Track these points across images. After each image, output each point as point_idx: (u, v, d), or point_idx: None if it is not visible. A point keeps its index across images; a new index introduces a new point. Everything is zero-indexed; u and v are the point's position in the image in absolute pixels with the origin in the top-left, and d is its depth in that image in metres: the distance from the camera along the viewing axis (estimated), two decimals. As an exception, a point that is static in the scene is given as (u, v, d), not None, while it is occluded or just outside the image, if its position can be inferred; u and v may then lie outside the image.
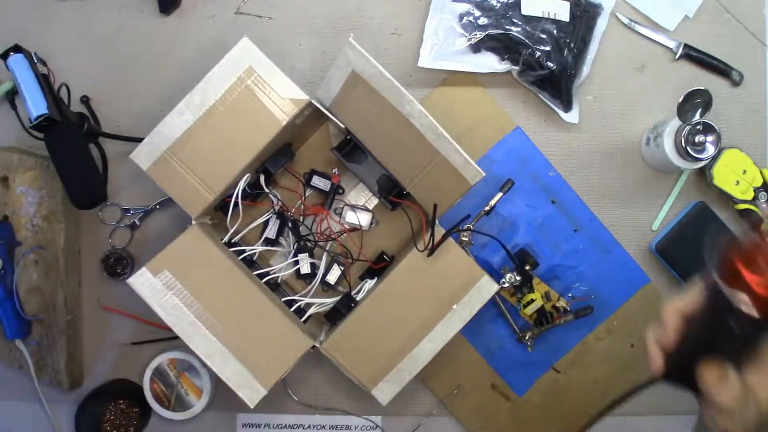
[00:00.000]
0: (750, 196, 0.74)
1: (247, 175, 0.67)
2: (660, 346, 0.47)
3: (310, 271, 0.72)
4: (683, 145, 0.69)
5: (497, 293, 0.67)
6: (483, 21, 0.71)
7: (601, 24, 0.74)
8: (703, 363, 0.43)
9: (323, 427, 0.78)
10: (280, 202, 0.72)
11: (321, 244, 0.74)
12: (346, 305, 0.70)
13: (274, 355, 0.64)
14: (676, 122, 0.71)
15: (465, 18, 0.72)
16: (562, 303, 0.76)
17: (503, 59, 0.72)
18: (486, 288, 0.65)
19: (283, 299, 0.71)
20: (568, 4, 0.72)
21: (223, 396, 0.77)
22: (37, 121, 0.63)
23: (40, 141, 0.65)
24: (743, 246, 0.38)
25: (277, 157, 0.70)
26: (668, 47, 0.77)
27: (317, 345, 0.66)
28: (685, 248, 0.63)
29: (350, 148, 0.70)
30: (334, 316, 0.71)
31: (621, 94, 0.77)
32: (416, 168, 0.64)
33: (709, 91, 0.66)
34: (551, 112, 0.76)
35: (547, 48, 0.71)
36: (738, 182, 0.74)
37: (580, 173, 0.77)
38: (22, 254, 0.72)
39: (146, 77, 0.77)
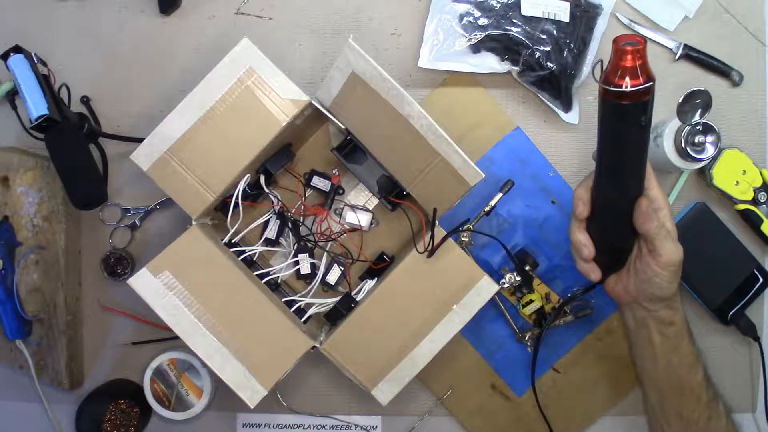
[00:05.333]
0: (750, 196, 0.75)
1: (248, 175, 0.68)
2: (580, 221, 0.62)
3: (310, 272, 0.72)
4: (683, 145, 0.69)
5: (497, 293, 0.67)
6: (483, 21, 0.71)
7: (601, 24, 0.74)
8: (639, 200, 0.58)
9: (323, 427, 0.79)
10: (280, 203, 0.72)
11: (321, 244, 0.74)
12: (346, 305, 0.70)
13: (274, 355, 0.65)
14: (675, 123, 0.71)
15: (465, 18, 0.72)
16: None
17: (503, 60, 0.72)
18: (486, 288, 0.65)
19: (283, 299, 0.71)
20: (568, 4, 0.72)
21: (223, 396, 0.77)
22: (37, 122, 0.63)
23: (41, 141, 0.65)
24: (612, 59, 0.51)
25: (278, 158, 0.70)
26: (668, 47, 0.77)
27: (317, 345, 0.66)
28: (686, 248, 0.64)
29: (350, 149, 0.70)
30: (334, 317, 0.71)
31: (621, 95, 0.77)
32: (416, 169, 0.64)
33: (708, 92, 0.66)
34: (551, 113, 0.76)
35: (547, 48, 0.71)
36: (738, 183, 0.74)
37: (580, 173, 0.77)
38: (23, 254, 0.72)
39: (146, 77, 0.77)
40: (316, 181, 0.74)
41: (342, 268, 0.73)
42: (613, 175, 0.59)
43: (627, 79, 0.50)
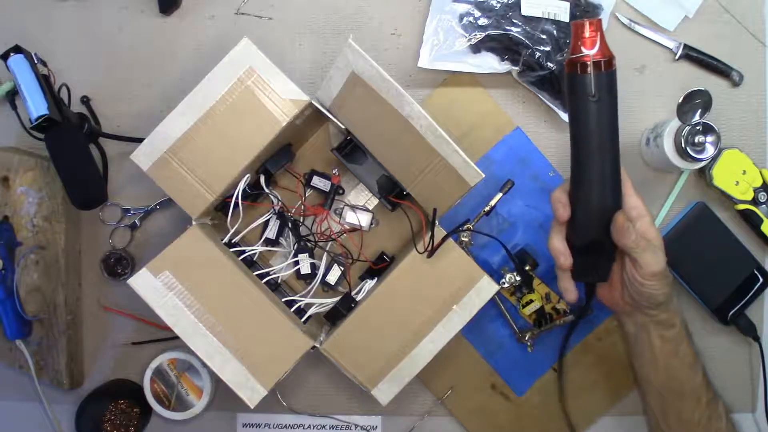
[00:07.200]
0: (750, 196, 0.74)
1: (248, 175, 0.68)
2: (560, 225, 0.61)
3: (310, 272, 0.72)
4: (683, 145, 0.69)
5: (497, 293, 0.67)
6: (483, 21, 0.71)
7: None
8: (615, 215, 0.59)
9: (323, 427, 0.79)
10: (280, 203, 0.72)
11: (321, 244, 0.74)
12: (346, 305, 0.70)
13: (274, 355, 0.65)
14: (675, 122, 0.71)
15: (465, 18, 0.72)
16: (562, 305, 0.76)
17: (503, 60, 0.72)
18: (486, 288, 0.65)
19: (283, 299, 0.71)
20: (568, 4, 0.72)
21: (223, 396, 0.77)
22: (37, 122, 0.63)
23: (41, 141, 0.65)
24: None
25: (278, 158, 0.70)
26: (668, 47, 0.77)
27: (317, 345, 0.66)
28: (686, 248, 0.64)
29: (350, 149, 0.70)
30: (334, 317, 0.71)
31: (620, 95, 0.76)
32: (416, 169, 0.64)
33: (708, 92, 0.66)
34: (551, 113, 0.76)
35: (547, 48, 0.71)
36: (738, 183, 0.74)
37: (580, 173, 0.77)
38: (23, 254, 0.72)
39: (146, 77, 0.77)
40: (316, 181, 0.74)
41: (342, 268, 0.73)
42: (582, 163, 0.60)
43: (582, 49, 0.56)
